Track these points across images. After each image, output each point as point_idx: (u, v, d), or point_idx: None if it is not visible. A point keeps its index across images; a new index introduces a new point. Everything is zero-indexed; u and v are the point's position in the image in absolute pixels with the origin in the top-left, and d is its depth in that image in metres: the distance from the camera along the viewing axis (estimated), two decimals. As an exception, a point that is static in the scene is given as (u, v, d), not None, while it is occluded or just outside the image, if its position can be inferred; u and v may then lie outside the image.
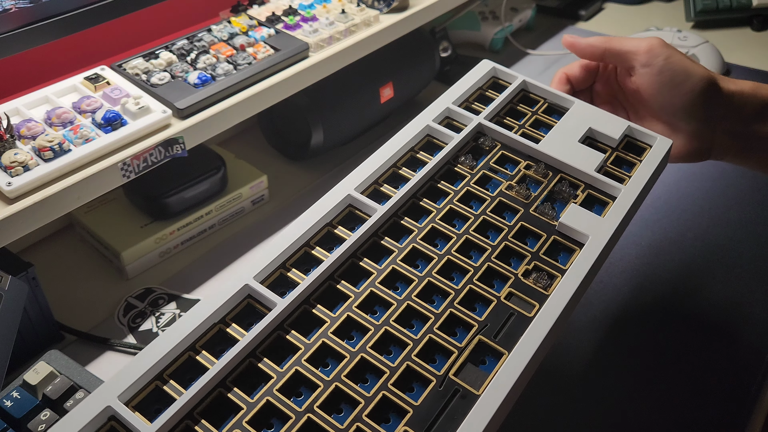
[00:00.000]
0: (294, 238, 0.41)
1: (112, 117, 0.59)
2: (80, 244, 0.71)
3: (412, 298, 0.39)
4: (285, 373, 0.36)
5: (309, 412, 0.34)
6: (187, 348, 0.36)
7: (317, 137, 0.77)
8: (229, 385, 0.35)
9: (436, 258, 0.42)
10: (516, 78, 0.55)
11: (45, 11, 0.61)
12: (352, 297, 0.39)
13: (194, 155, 0.64)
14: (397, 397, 0.35)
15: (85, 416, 0.33)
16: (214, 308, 0.37)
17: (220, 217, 0.73)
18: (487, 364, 0.37)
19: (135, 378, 0.34)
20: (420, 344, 0.37)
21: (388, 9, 0.80)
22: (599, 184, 0.47)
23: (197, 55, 0.68)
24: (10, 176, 0.53)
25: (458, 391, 0.36)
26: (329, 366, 0.37)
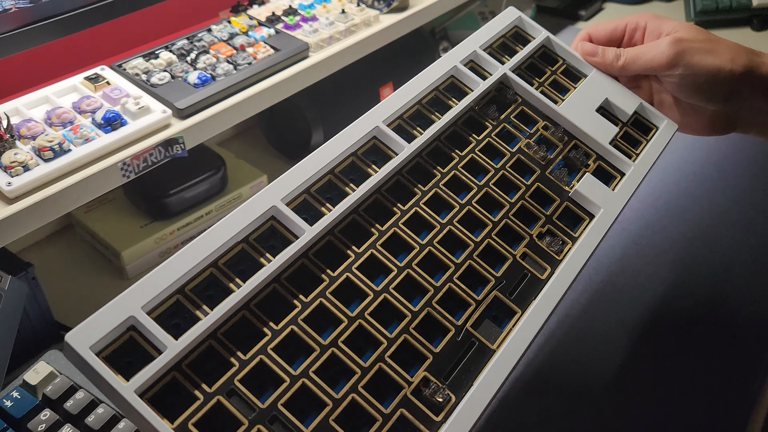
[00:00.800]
0: (320, 165, 0.40)
1: (112, 117, 0.59)
2: (80, 244, 0.71)
3: (434, 245, 0.40)
4: (309, 304, 0.36)
5: (333, 347, 0.35)
6: (209, 264, 0.36)
7: (317, 137, 0.77)
8: (253, 309, 0.35)
9: (458, 207, 0.43)
10: (540, 32, 0.56)
11: (45, 11, 0.61)
12: (376, 235, 0.40)
13: (194, 155, 0.64)
14: (417, 342, 0.36)
15: (106, 325, 0.32)
16: (239, 227, 0.36)
17: (220, 217, 0.73)
18: (502, 322, 0.39)
19: (158, 290, 0.33)
20: (440, 292, 0.38)
21: (388, 9, 0.80)
22: (611, 157, 0.49)
23: (197, 55, 0.68)
24: (10, 176, 0.53)
25: (475, 344, 0.37)
26: (353, 303, 0.37)
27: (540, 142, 0.48)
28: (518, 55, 0.53)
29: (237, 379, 0.32)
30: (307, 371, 0.34)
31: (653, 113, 0.53)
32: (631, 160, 0.49)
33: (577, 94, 0.52)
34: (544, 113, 0.50)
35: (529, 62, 0.54)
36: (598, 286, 0.64)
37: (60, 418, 0.47)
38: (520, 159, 0.47)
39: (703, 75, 0.50)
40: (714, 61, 0.50)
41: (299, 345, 0.35)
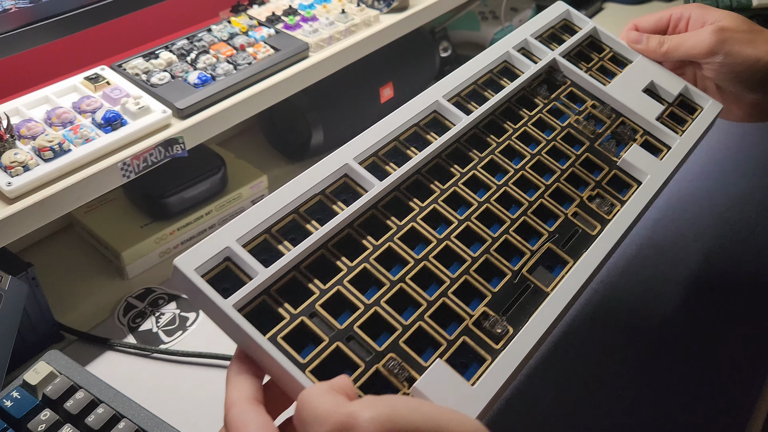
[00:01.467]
0: (387, 132, 0.46)
1: (112, 117, 0.59)
2: (80, 244, 0.71)
3: (491, 202, 0.45)
4: (379, 247, 0.40)
5: (401, 282, 0.39)
6: (291, 210, 0.40)
7: (317, 137, 0.77)
8: (330, 248, 0.40)
9: (512, 171, 0.47)
10: (587, 23, 0.60)
11: (45, 11, 0.61)
12: (438, 192, 0.44)
13: (194, 155, 0.64)
14: (477, 282, 0.40)
15: (207, 253, 0.36)
16: (317, 181, 0.41)
17: (220, 217, 0.73)
18: (554, 269, 0.43)
19: (249, 227, 0.38)
20: (497, 242, 0.43)
21: (388, 9, 0.80)
22: (657, 132, 0.53)
23: (197, 55, 0.68)
24: (10, 176, 0.53)
25: (530, 287, 0.41)
26: (417, 247, 0.41)
27: (589, 119, 0.52)
28: (567, 43, 0.57)
29: (318, 304, 0.37)
30: (378, 301, 0.38)
31: (698, 94, 0.56)
32: (677, 134, 0.52)
33: (623, 76, 0.56)
34: (592, 93, 0.54)
35: (578, 49, 0.58)
36: (598, 286, 0.64)
37: (60, 418, 0.47)
38: (570, 132, 0.51)
39: (742, 64, 0.52)
40: (753, 52, 0.52)
41: (371, 280, 0.39)
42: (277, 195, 0.40)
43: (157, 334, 0.61)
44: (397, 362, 0.36)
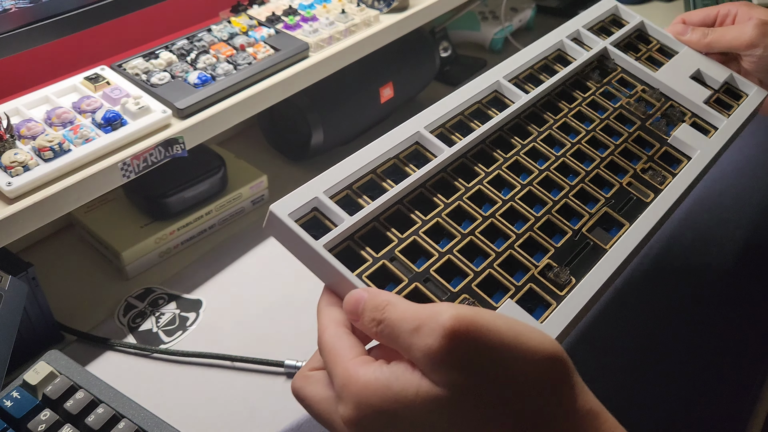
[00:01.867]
0: (451, 107, 0.49)
1: (112, 117, 0.59)
2: (80, 244, 0.71)
3: (551, 170, 0.48)
4: (450, 204, 0.44)
5: (471, 235, 0.43)
6: (369, 171, 0.44)
7: (317, 137, 0.77)
8: (406, 204, 0.44)
9: (569, 144, 0.51)
10: (635, 18, 0.64)
11: (45, 11, 0.61)
12: (501, 160, 0.48)
13: (194, 155, 0.64)
14: (541, 238, 0.44)
15: (298, 201, 0.40)
16: (391, 145, 0.45)
17: (220, 217, 0.73)
18: (611, 229, 0.46)
19: (334, 182, 0.42)
20: (558, 205, 0.46)
21: (388, 9, 0.80)
22: (705, 114, 0.56)
23: (197, 55, 0.68)
24: (10, 176, 0.53)
25: (589, 244, 0.45)
26: (484, 206, 0.45)
27: (639, 101, 0.56)
28: (616, 34, 0.61)
29: (397, 250, 0.41)
30: (451, 250, 0.42)
31: (743, 82, 0.60)
32: (724, 116, 0.56)
33: (671, 64, 0.60)
34: (642, 79, 0.58)
35: (627, 41, 0.62)
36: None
37: (60, 418, 0.47)
38: (621, 113, 0.55)
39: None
40: None
41: (443, 232, 0.43)
42: (357, 156, 0.44)
43: (157, 334, 0.61)
44: (471, 302, 0.39)
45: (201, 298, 0.64)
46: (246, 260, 0.69)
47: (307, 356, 0.57)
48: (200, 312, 0.63)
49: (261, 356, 0.57)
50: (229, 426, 0.53)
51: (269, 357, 0.57)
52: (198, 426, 0.53)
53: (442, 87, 0.97)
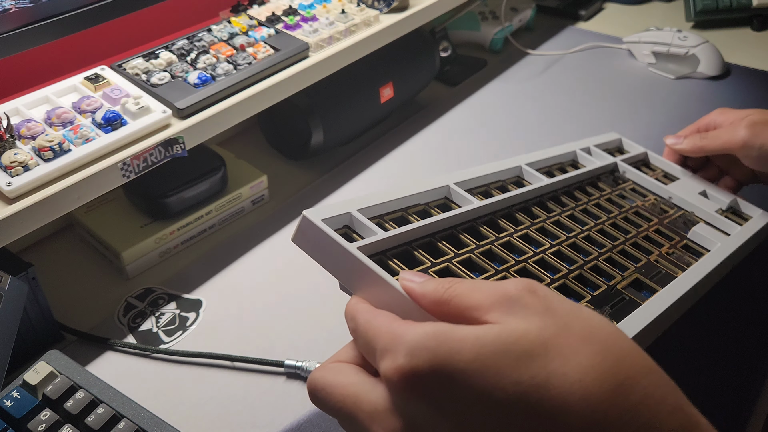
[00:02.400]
0: (480, 174, 0.53)
1: (112, 117, 0.59)
2: (80, 244, 0.71)
3: (578, 238, 0.52)
4: (482, 246, 0.46)
5: (505, 272, 0.44)
6: (400, 209, 0.47)
7: (317, 137, 0.77)
8: (438, 238, 0.45)
9: (592, 224, 0.54)
10: (639, 148, 0.70)
11: (45, 11, 0.61)
12: (528, 223, 0.51)
13: (194, 155, 0.64)
14: (577, 286, 0.46)
15: (329, 213, 0.41)
16: (423, 190, 0.48)
17: (220, 217, 0.73)
18: (644, 293, 0.48)
19: (369, 204, 0.44)
20: (590, 263, 0.49)
21: (388, 9, 0.80)
22: (718, 222, 0.59)
23: (197, 55, 0.68)
24: (10, 176, 0.53)
25: (625, 298, 0.47)
26: (515, 254, 0.47)
27: (653, 205, 0.60)
28: (624, 155, 0.67)
29: (430, 270, 0.42)
30: (488, 279, 0.42)
31: (747, 205, 0.64)
32: (738, 225, 0.59)
33: (678, 183, 0.64)
34: (652, 191, 0.63)
35: (634, 163, 0.67)
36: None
37: (60, 418, 0.47)
38: (638, 210, 0.58)
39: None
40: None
41: (476, 267, 0.44)
42: (391, 192, 0.46)
43: (157, 334, 0.61)
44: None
45: (201, 298, 0.64)
46: (246, 260, 0.69)
47: (307, 356, 0.57)
48: (200, 312, 0.63)
49: (261, 356, 0.57)
50: (229, 426, 0.53)
51: (269, 357, 0.57)
52: (198, 426, 0.52)
53: (442, 87, 0.97)
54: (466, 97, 0.94)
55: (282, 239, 0.71)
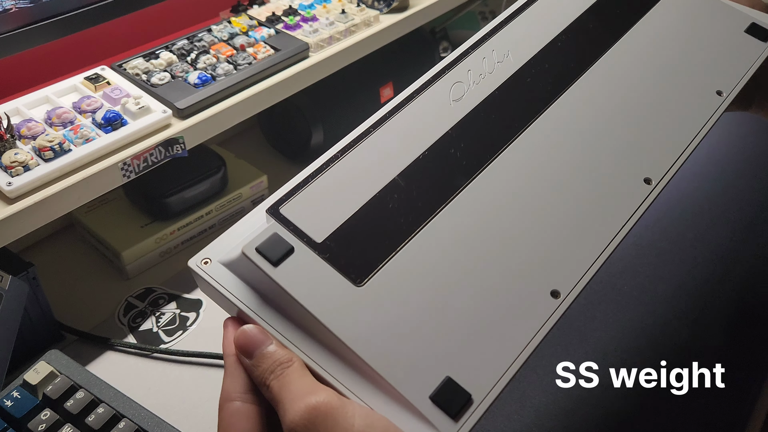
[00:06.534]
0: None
1: (112, 117, 0.59)
2: (80, 244, 0.71)
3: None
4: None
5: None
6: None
7: (317, 137, 0.77)
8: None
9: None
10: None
11: (45, 11, 0.61)
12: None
13: (194, 155, 0.64)
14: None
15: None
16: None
17: (220, 217, 0.73)
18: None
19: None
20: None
21: (388, 9, 0.80)
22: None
23: (197, 55, 0.68)
24: (11, 176, 0.53)
25: None
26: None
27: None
28: None
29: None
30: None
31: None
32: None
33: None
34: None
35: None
36: (597, 286, 0.64)
37: (60, 418, 0.47)
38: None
39: None
40: None
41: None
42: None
43: (157, 334, 0.61)
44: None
45: (201, 298, 0.64)
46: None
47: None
48: (200, 312, 0.63)
49: (261, 356, 0.57)
50: (230, 426, 0.53)
51: (269, 357, 0.57)
52: (198, 426, 0.53)
53: (442, 87, 0.97)
54: (466, 97, 0.94)
55: (282, 239, 0.71)
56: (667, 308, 0.62)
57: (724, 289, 0.64)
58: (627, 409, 0.54)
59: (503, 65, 0.45)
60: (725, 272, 0.66)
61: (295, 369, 0.32)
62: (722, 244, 0.69)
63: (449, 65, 0.44)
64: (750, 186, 0.77)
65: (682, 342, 0.59)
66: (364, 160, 0.40)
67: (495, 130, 0.42)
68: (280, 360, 0.32)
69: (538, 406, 0.54)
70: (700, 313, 0.62)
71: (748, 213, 0.73)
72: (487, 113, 0.43)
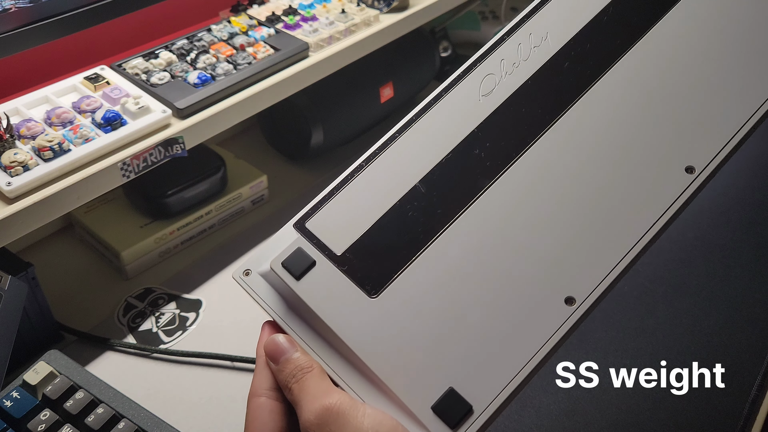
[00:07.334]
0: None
1: (111, 117, 0.59)
2: (80, 244, 0.71)
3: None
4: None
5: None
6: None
7: (317, 137, 0.77)
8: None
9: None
10: None
11: (45, 11, 0.61)
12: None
13: (194, 155, 0.64)
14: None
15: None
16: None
17: (220, 217, 0.73)
18: None
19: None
20: None
21: (388, 9, 0.80)
22: None
23: (197, 55, 0.68)
24: (10, 176, 0.53)
25: None
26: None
27: None
28: None
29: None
30: None
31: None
32: None
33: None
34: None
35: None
36: (598, 286, 0.64)
37: (60, 418, 0.47)
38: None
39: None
40: None
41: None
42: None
43: (156, 334, 0.61)
44: None
45: (201, 298, 0.64)
46: (246, 260, 0.69)
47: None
48: (200, 312, 0.63)
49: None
50: (229, 426, 0.53)
51: (269, 357, 0.57)
52: (198, 426, 0.52)
53: (442, 87, 0.97)
54: (466, 97, 0.94)
55: (282, 239, 0.71)
56: (668, 308, 0.62)
57: (724, 289, 0.64)
58: (627, 409, 0.54)
59: (540, 49, 0.42)
60: (725, 272, 0.66)
61: (314, 374, 0.35)
62: (722, 244, 0.69)
63: (481, 57, 0.42)
64: (750, 186, 0.76)
65: (682, 342, 0.59)
66: (388, 167, 0.40)
67: (522, 126, 0.40)
68: (302, 366, 0.35)
69: (539, 406, 0.54)
70: (701, 313, 0.62)
71: (748, 213, 0.73)
72: (517, 107, 0.40)
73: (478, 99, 0.41)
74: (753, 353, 0.58)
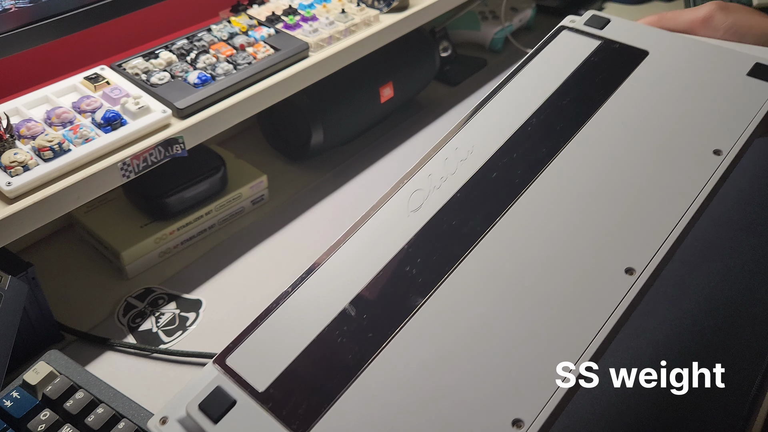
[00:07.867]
0: None
1: (111, 117, 0.59)
2: (80, 244, 0.71)
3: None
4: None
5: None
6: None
7: (317, 137, 0.77)
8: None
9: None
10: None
11: (45, 11, 0.61)
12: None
13: (194, 155, 0.64)
14: None
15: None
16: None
17: (220, 217, 0.73)
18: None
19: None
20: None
21: (388, 9, 0.80)
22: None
23: (197, 55, 0.68)
24: (10, 176, 0.53)
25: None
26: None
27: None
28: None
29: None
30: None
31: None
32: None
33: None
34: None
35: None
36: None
37: (60, 418, 0.47)
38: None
39: (747, 27, 0.52)
40: (758, 19, 0.52)
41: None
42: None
43: (156, 334, 0.61)
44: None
45: (201, 298, 0.64)
46: (246, 260, 0.69)
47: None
48: (200, 312, 0.63)
49: (261, 356, 0.57)
50: (229, 426, 0.53)
51: (269, 357, 0.57)
52: (198, 426, 0.52)
53: (442, 87, 0.97)
54: (466, 97, 0.94)
55: (282, 239, 0.71)
56: (668, 308, 0.62)
57: (725, 289, 0.64)
58: (627, 409, 0.54)
59: (467, 162, 0.42)
60: (725, 272, 0.66)
61: None
62: (722, 244, 0.69)
63: (409, 173, 0.42)
64: (750, 186, 0.76)
65: (682, 342, 0.59)
66: (315, 291, 0.38)
67: (454, 240, 0.39)
68: None
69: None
70: (700, 313, 0.62)
71: (748, 213, 0.73)
72: (447, 221, 0.40)
73: (407, 215, 0.40)
74: (753, 353, 0.58)
